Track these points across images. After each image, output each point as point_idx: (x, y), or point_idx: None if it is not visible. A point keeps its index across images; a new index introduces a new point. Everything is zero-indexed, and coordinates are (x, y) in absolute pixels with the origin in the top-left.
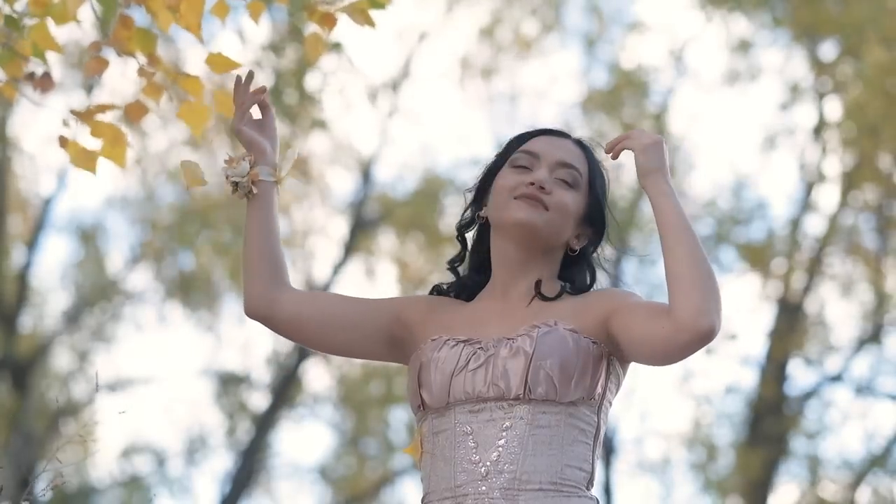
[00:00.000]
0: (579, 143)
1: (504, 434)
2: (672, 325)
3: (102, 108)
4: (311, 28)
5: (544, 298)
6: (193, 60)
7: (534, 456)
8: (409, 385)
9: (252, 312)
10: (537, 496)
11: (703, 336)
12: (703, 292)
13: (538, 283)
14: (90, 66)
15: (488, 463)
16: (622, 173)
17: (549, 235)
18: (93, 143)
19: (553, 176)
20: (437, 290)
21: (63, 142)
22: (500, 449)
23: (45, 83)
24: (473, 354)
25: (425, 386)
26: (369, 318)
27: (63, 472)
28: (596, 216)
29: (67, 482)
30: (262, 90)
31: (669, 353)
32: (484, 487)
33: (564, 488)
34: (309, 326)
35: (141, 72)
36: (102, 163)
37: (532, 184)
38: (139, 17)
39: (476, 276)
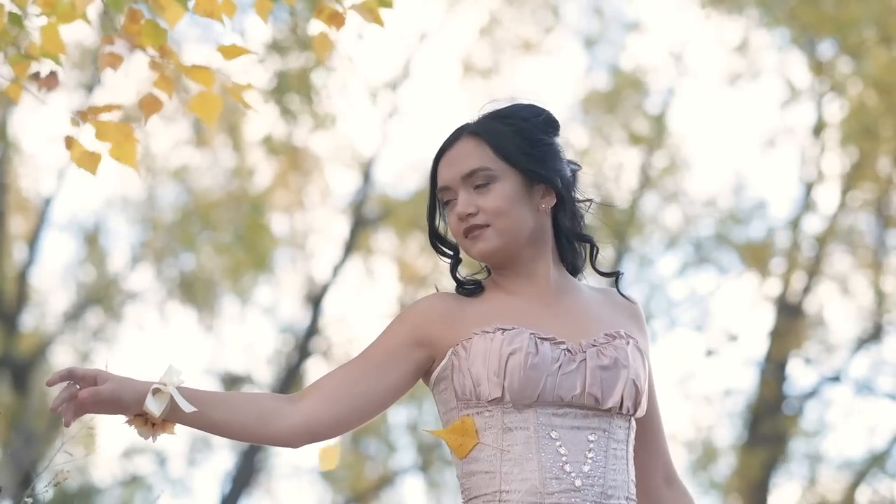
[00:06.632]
0: (469, 130)
1: (592, 445)
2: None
3: (108, 108)
4: (319, 27)
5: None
6: (192, 57)
7: (614, 471)
8: (479, 372)
9: (298, 442)
10: None
11: None
12: None
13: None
14: (104, 61)
15: (582, 475)
16: (621, 173)
17: (513, 238)
18: (97, 145)
19: (470, 191)
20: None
21: (69, 142)
22: (590, 461)
23: (49, 82)
24: (564, 356)
25: (511, 377)
26: (394, 375)
27: (65, 468)
28: (537, 172)
29: (69, 479)
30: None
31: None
32: (576, 499)
33: (632, 503)
34: (351, 422)
35: (153, 64)
36: (108, 163)
37: (462, 220)
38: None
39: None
